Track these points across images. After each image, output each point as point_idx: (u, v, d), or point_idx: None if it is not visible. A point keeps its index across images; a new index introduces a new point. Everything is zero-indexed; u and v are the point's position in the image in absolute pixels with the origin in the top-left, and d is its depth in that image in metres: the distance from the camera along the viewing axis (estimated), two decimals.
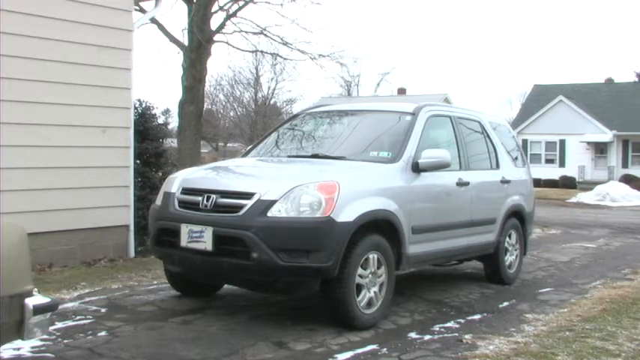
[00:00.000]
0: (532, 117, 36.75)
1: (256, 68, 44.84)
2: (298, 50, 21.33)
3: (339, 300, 4.85)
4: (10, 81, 6.70)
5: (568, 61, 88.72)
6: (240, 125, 46.17)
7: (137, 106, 8.90)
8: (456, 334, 5.00)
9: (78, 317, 5.15)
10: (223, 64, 75.00)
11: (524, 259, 7.82)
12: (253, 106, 46.20)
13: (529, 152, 35.26)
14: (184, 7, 18.56)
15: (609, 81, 40.82)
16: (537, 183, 25.68)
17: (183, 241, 5.00)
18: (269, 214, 4.72)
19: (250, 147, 6.92)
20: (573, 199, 24.67)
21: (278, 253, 4.63)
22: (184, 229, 4.99)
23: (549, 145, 36.41)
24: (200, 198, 5.05)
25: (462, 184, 6.23)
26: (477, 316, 5.60)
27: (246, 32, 20.36)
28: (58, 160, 7.17)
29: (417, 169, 5.62)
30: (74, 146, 7.32)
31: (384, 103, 7.70)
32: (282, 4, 19.76)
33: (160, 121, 18.62)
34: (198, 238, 4.90)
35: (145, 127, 8.93)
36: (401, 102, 7.14)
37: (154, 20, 17.49)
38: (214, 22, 19.17)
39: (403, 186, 5.48)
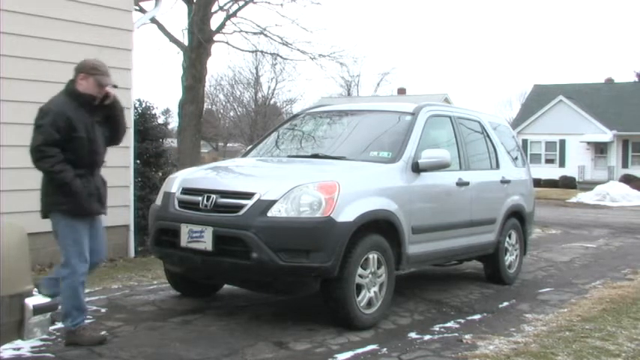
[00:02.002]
0: (532, 117, 36.75)
1: (256, 68, 44.83)
2: (298, 50, 21.31)
3: (339, 300, 4.85)
4: (10, 81, 6.70)
5: (568, 61, 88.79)
6: (240, 125, 46.13)
7: (137, 106, 8.90)
8: (456, 334, 5.00)
9: None
10: (223, 64, 74.98)
11: (524, 259, 7.82)
12: (253, 106, 46.16)
13: (529, 152, 35.23)
14: (184, 7, 18.55)
15: (609, 81, 40.79)
16: (537, 183, 25.66)
17: (184, 241, 4.99)
18: (269, 214, 4.72)
19: (250, 147, 6.92)
20: (573, 199, 24.66)
21: (278, 253, 4.63)
22: (184, 229, 4.99)
23: (549, 145, 36.41)
24: (200, 198, 5.05)
25: (461, 184, 6.23)
26: (477, 316, 5.60)
27: (246, 32, 20.34)
28: None
29: (417, 169, 5.62)
30: None
31: (384, 103, 7.68)
32: (282, 4, 19.74)
33: (160, 121, 18.64)
34: (198, 238, 4.90)
35: (145, 127, 8.93)
36: (401, 102, 7.14)
37: (154, 20, 17.48)
38: (214, 22, 19.17)
39: (403, 186, 5.48)
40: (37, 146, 4.16)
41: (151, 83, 60.72)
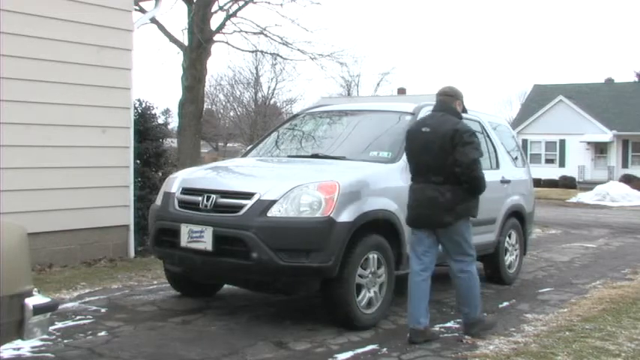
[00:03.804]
0: (532, 117, 36.75)
1: (256, 68, 44.77)
2: (298, 50, 21.34)
3: (339, 300, 4.84)
4: (10, 81, 6.70)
5: (568, 61, 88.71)
6: (240, 125, 46.11)
7: (137, 106, 8.90)
8: (456, 334, 5.00)
9: (78, 317, 5.15)
10: (223, 64, 75.00)
11: (524, 259, 7.81)
12: (253, 106, 46.13)
13: (529, 152, 35.23)
14: (184, 7, 18.56)
15: (609, 81, 40.78)
16: (537, 183, 25.66)
17: (183, 241, 5.00)
18: (269, 214, 4.72)
19: (250, 147, 6.92)
20: (573, 199, 24.65)
21: (278, 253, 4.63)
22: (184, 229, 4.99)
23: (549, 145, 36.40)
24: (200, 198, 5.06)
25: None
26: None
27: (246, 32, 20.36)
28: (58, 160, 7.17)
29: None
30: (74, 146, 7.32)
31: (384, 102, 7.69)
32: (282, 4, 19.76)
33: (160, 121, 18.62)
34: (198, 238, 4.90)
35: (145, 127, 8.93)
36: (401, 102, 7.14)
37: (153, 20, 17.48)
38: (214, 22, 19.18)
39: (403, 186, 5.46)
40: (476, 159, 4.74)
41: (151, 83, 60.68)
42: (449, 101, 5.01)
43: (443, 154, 4.71)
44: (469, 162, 4.68)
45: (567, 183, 33.46)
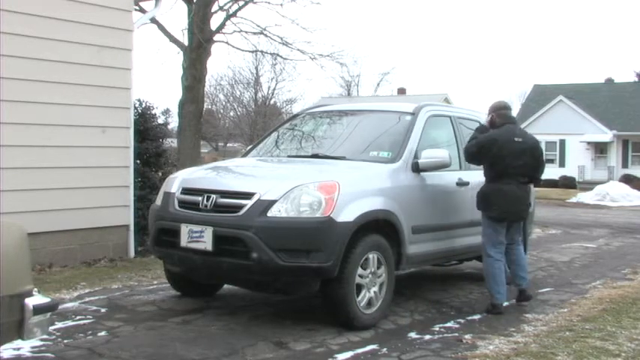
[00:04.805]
0: (532, 117, 36.74)
1: (256, 68, 44.82)
2: (298, 50, 21.30)
3: (339, 300, 4.85)
4: (10, 81, 6.70)
5: (568, 61, 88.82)
6: (240, 125, 46.13)
7: (137, 106, 8.90)
8: (456, 334, 5.00)
9: (78, 317, 5.15)
10: (223, 64, 75.06)
11: None
12: (253, 106, 46.16)
13: None
14: (184, 7, 18.53)
15: (609, 81, 40.80)
16: None
17: (183, 241, 4.99)
18: (269, 214, 4.72)
19: (250, 147, 6.92)
20: (573, 199, 24.64)
21: (278, 253, 4.63)
22: (184, 229, 4.99)
23: (549, 145, 36.37)
24: (200, 198, 5.05)
25: (461, 184, 6.23)
26: (476, 316, 5.60)
27: (246, 32, 20.34)
28: (58, 160, 7.17)
29: (416, 169, 5.62)
30: (74, 146, 7.32)
31: (384, 103, 7.69)
32: (282, 4, 19.73)
33: (160, 121, 18.63)
34: (198, 238, 4.90)
35: (145, 127, 8.93)
36: (401, 102, 7.14)
37: (153, 20, 17.46)
38: (214, 22, 19.16)
39: (403, 186, 5.48)
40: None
41: (151, 83, 60.72)
42: (511, 114, 5.97)
43: (532, 159, 5.72)
44: (542, 171, 5.94)
45: (567, 183, 33.46)
